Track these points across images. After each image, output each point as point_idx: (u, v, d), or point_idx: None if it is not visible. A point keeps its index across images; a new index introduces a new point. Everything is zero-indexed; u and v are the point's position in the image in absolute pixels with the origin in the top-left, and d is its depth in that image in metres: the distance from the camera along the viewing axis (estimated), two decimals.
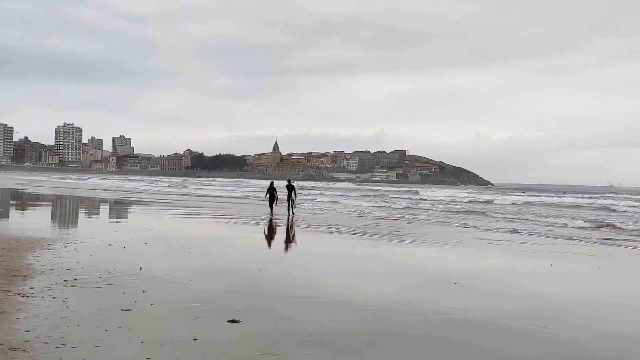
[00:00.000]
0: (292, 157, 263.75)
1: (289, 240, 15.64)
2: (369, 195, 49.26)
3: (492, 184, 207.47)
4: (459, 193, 50.85)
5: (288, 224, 19.83)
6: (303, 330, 5.88)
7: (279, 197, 25.36)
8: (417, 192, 53.18)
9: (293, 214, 23.24)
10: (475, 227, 20.52)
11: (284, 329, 5.86)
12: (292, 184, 24.70)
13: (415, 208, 32.06)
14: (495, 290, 8.61)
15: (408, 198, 45.48)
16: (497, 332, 6.15)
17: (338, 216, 24.93)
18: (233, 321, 6.03)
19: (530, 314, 6.99)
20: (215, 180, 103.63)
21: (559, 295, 8.38)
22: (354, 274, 9.63)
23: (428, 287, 8.68)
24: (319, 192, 53.11)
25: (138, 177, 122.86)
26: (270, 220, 21.36)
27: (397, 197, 46.48)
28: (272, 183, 25.51)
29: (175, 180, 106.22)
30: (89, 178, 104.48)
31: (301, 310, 6.76)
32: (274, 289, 7.96)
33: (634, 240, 16.75)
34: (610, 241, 16.47)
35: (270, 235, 16.90)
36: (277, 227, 19.19)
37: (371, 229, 18.81)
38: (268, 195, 25.02)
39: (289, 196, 24.11)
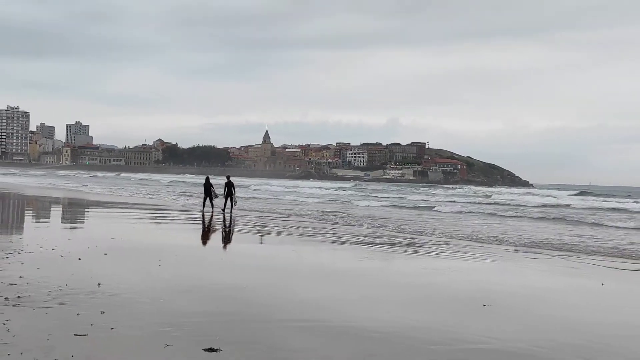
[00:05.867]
0: (287, 149, 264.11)
1: (277, 250, 15.65)
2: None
3: (531, 185, 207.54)
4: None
5: (226, 225, 22.11)
6: None
7: (217, 194, 28.02)
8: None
9: (231, 215, 25.90)
10: (504, 240, 20.48)
11: None
12: (231, 180, 27.69)
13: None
14: (534, 314, 8.61)
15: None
16: None
17: (336, 223, 24.95)
18: (211, 350, 6.04)
19: (576, 345, 6.99)
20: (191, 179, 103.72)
21: (612, 323, 8.37)
22: (362, 293, 9.63)
23: (450, 309, 8.68)
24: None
25: (97, 173, 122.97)
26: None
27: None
28: (207, 179, 28.68)
29: (141, 176, 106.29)
30: (42, 174, 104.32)
31: (296, 338, 6.77)
32: (263, 311, 7.96)
33: None
34: None
35: (255, 243, 16.87)
36: (266, 234, 19.21)
37: (382, 238, 18.81)
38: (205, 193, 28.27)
39: (228, 194, 27.02)
